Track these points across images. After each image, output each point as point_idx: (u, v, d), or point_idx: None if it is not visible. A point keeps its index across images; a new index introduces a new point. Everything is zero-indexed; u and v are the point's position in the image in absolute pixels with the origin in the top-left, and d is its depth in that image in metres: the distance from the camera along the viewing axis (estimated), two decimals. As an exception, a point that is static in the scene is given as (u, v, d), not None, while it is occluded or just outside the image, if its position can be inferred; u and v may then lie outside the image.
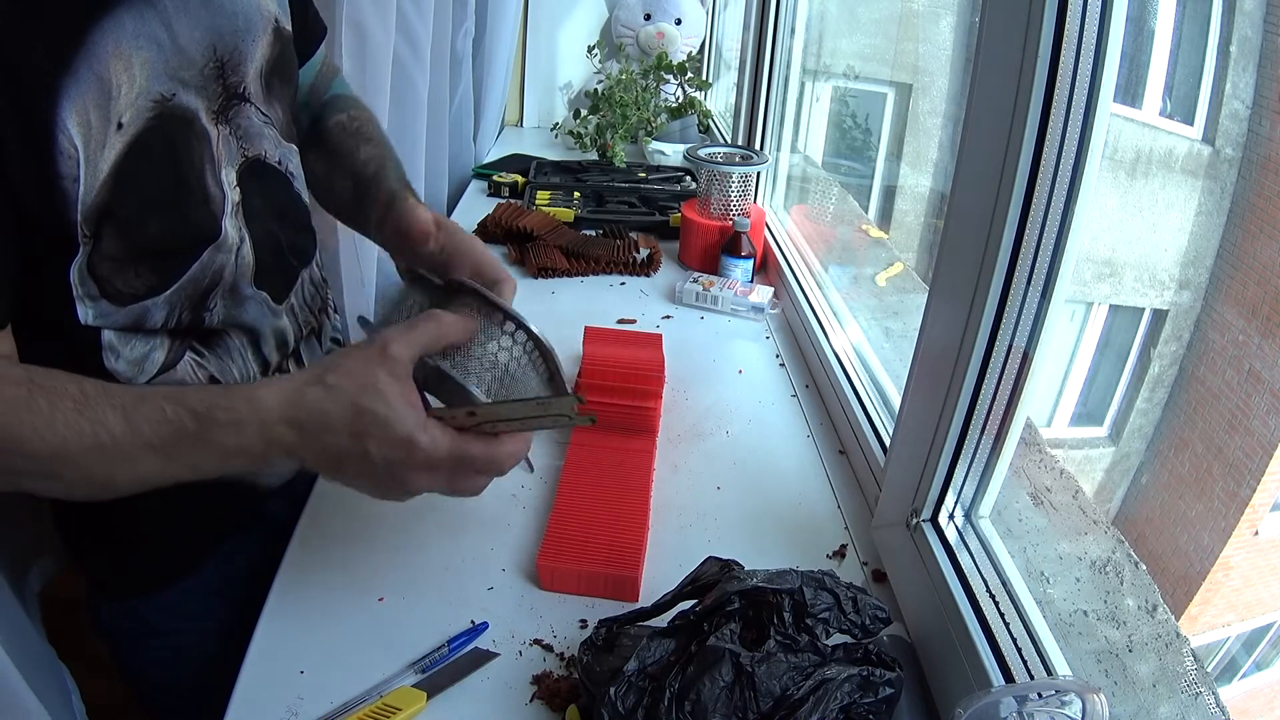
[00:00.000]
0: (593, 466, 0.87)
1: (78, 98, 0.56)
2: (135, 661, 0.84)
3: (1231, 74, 0.93)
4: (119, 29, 0.58)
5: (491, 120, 2.18)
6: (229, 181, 0.70)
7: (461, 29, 1.80)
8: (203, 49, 0.66)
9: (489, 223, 1.54)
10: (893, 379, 1.02)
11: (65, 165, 0.56)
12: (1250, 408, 0.90)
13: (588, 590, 0.74)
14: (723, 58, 2.46)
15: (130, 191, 0.60)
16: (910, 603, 0.73)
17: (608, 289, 1.40)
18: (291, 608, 0.71)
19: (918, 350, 0.75)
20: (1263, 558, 0.95)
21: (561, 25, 2.39)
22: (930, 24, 1.69)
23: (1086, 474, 1.18)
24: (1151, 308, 1.16)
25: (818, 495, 0.91)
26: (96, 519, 0.76)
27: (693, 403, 1.06)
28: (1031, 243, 0.60)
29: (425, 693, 0.63)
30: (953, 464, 0.70)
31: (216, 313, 0.71)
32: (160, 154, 0.62)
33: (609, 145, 2.01)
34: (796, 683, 0.55)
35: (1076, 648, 0.61)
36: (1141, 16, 0.89)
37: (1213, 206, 1.00)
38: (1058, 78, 0.56)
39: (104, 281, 0.62)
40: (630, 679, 0.56)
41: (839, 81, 1.83)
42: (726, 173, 1.42)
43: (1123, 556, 0.69)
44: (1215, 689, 0.56)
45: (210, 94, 0.67)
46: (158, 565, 0.79)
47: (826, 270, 1.36)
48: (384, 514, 0.83)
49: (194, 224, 0.67)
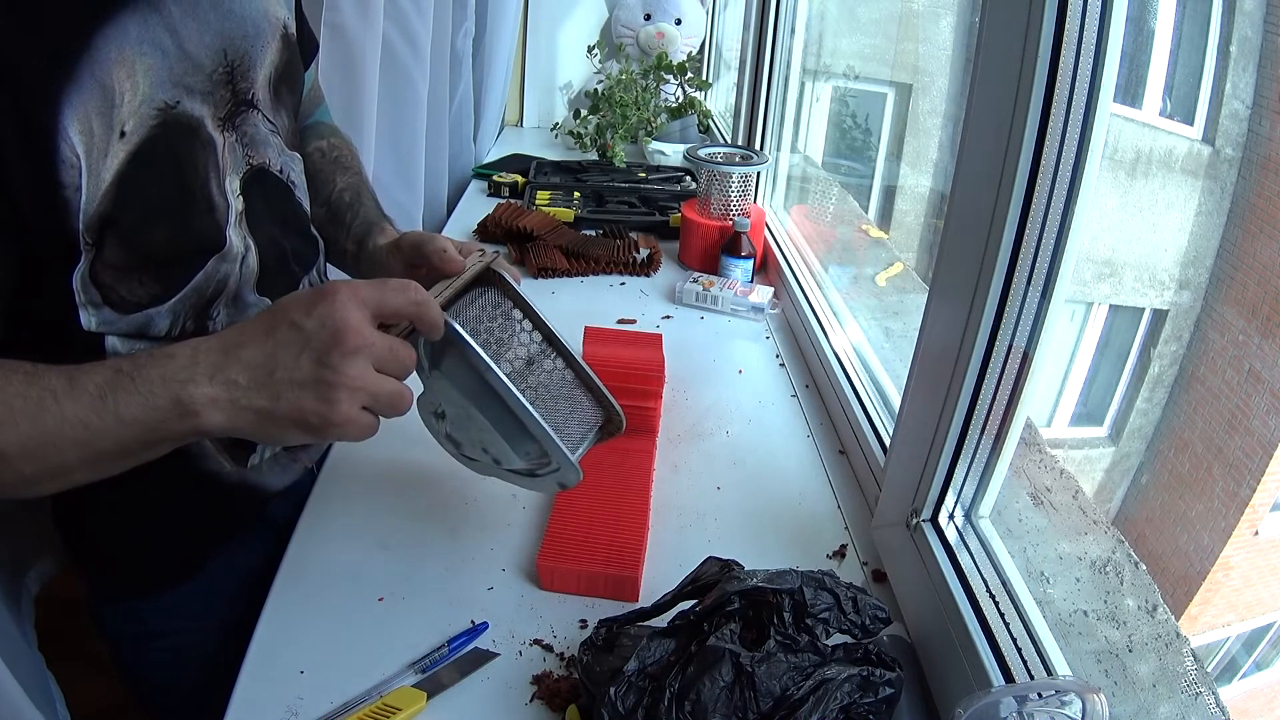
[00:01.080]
0: (593, 466, 0.87)
1: (80, 105, 0.55)
2: (136, 662, 0.84)
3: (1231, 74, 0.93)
4: (123, 35, 0.58)
5: (491, 120, 2.18)
6: (233, 190, 0.69)
7: (461, 29, 1.81)
8: (212, 54, 0.65)
9: (489, 223, 1.54)
10: (893, 379, 1.02)
11: (67, 174, 0.55)
12: (1250, 408, 0.90)
13: (588, 590, 0.74)
14: (723, 58, 2.46)
15: (133, 200, 0.60)
16: (910, 603, 0.73)
17: (608, 289, 1.40)
18: (291, 608, 0.71)
19: (918, 350, 0.75)
20: (1263, 558, 0.94)
21: (561, 25, 2.39)
22: (930, 24, 1.69)
23: (1086, 474, 1.18)
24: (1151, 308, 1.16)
25: (818, 495, 0.91)
26: (98, 520, 0.76)
27: (693, 403, 1.06)
28: (1031, 243, 0.60)
29: (425, 693, 0.63)
30: (953, 464, 0.70)
31: (220, 321, 0.71)
32: (164, 162, 0.62)
33: (609, 145, 2.01)
34: (796, 683, 0.55)
35: (1076, 648, 0.61)
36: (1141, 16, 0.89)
37: (1213, 206, 1.00)
38: (1058, 78, 0.56)
39: (107, 289, 0.62)
40: (630, 679, 0.56)
41: (839, 81, 1.83)
42: (726, 173, 1.43)
43: (1123, 556, 0.69)
44: (1215, 689, 0.56)
45: (218, 100, 0.66)
46: (159, 567, 0.79)
47: (826, 270, 1.36)
48: (384, 514, 0.83)
49: (198, 233, 0.66)
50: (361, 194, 0.89)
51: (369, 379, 0.55)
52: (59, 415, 0.51)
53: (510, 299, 0.70)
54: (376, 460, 0.89)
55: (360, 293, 0.55)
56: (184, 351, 0.54)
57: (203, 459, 0.74)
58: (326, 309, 0.54)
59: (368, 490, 0.85)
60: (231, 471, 0.77)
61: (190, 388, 0.52)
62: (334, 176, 0.89)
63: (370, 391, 0.55)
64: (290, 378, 0.53)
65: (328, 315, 0.53)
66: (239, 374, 0.53)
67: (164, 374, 0.52)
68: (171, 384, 0.52)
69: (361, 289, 0.55)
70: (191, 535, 0.79)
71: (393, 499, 0.84)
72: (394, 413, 0.57)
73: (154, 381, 0.52)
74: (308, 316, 0.54)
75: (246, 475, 0.79)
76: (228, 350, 0.54)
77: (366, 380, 0.55)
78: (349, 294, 0.54)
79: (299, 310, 0.54)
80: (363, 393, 0.55)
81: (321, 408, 0.54)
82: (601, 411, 0.73)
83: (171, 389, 0.52)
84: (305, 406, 0.54)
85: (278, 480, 0.82)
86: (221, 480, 0.76)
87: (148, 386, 0.52)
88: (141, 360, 0.53)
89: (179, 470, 0.73)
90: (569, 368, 0.71)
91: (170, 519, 0.77)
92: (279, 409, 0.54)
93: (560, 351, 0.70)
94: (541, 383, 0.69)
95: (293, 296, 0.56)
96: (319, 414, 0.54)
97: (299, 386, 0.53)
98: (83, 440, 0.52)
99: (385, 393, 0.56)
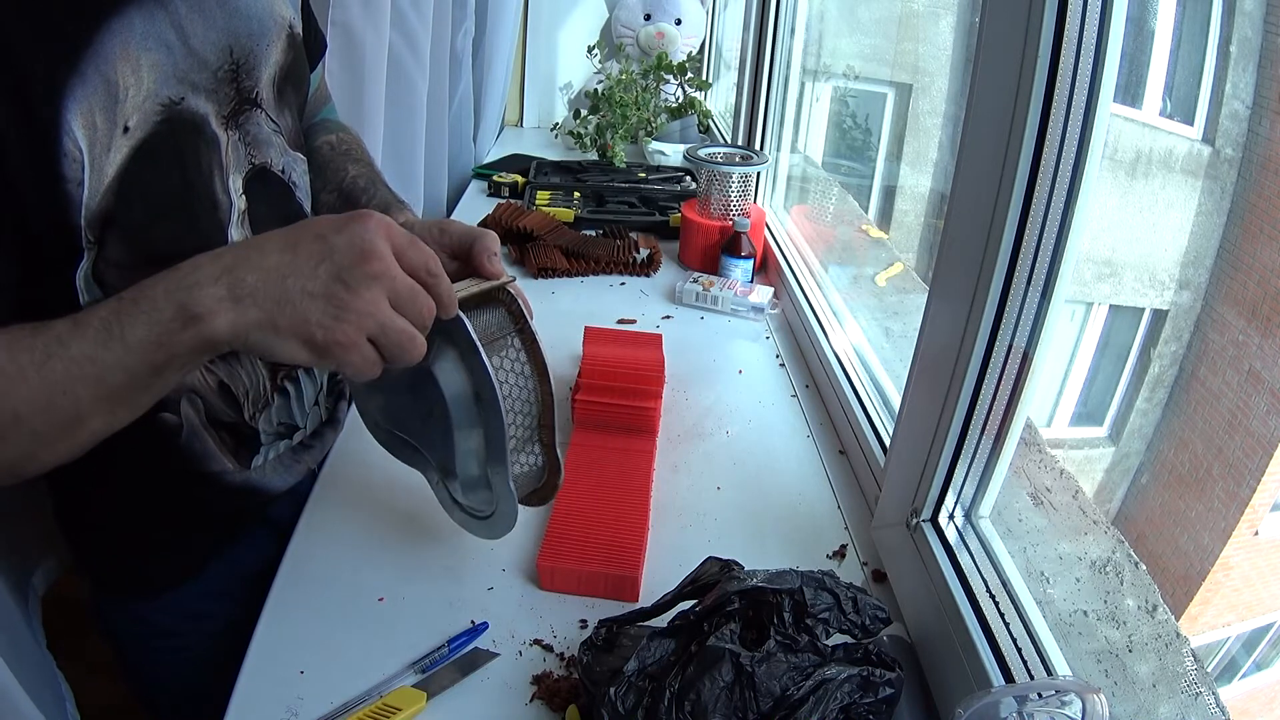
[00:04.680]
0: (593, 466, 0.87)
1: (84, 100, 0.55)
2: (138, 662, 0.84)
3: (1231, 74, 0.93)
4: (128, 30, 0.58)
5: (491, 120, 2.18)
6: (235, 189, 0.69)
7: (461, 29, 1.81)
8: (218, 51, 0.65)
9: (489, 223, 1.54)
10: (893, 379, 1.02)
11: (69, 168, 0.55)
12: (1250, 408, 0.90)
13: (588, 590, 0.74)
14: (723, 58, 2.46)
15: (136, 196, 0.59)
16: (910, 603, 0.73)
17: (608, 289, 1.40)
18: (291, 608, 0.71)
19: (918, 350, 0.75)
20: (1263, 558, 0.95)
21: (561, 25, 2.39)
22: (930, 24, 1.69)
23: (1086, 474, 1.18)
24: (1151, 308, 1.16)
25: (818, 495, 0.91)
26: (100, 521, 0.76)
27: (693, 403, 1.06)
28: (1031, 243, 0.60)
29: (425, 693, 0.63)
30: (953, 464, 0.70)
31: None
32: (167, 159, 0.62)
33: (609, 145, 2.01)
34: (796, 683, 0.55)
35: (1076, 648, 0.61)
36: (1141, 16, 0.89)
37: (1213, 206, 1.00)
38: (1058, 78, 0.56)
39: (111, 289, 0.62)
40: (630, 679, 0.56)
41: (839, 81, 1.83)
42: (726, 173, 1.43)
43: (1123, 556, 0.69)
44: (1215, 689, 0.56)
45: (222, 98, 0.66)
46: (162, 567, 0.79)
47: (826, 270, 1.36)
48: (384, 514, 0.83)
49: (201, 231, 0.66)
50: (376, 181, 0.88)
51: (382, 308, 0.52)
52: (65, 357, 0.49)
53: (517, 328, 0.68)
54: (377, 461, 0.89)
55: (394, 229, 0.53)
56: (189, 263, 0.51)
57: (206, 460, 0.74)
58: (359, 229, 0.52)
59: (368, 490, 0.85)
60: (234, 473, 0.77)
61: (195, 291, 0.50)
62: (346, 166, 0.89)
63: (380, 321, 0.52)
64: (303, 286, 0.51)
65: (358, 235, 0.52)
66: (248, 274, 0.51)
67: (168, 286, 0.50)
68: (176, 293, 0.50)
69: (395, 227, 0.54)
70: (193, 536, 0.79)
71: (393, 499, 0.84)
72: (400, 356, 0.54)
73: (158, 296, 0.50)
74: (337, 233, 0.52)
75: (249, 476, 0.79)
76: (241, 255, 0.52)
77: (379, 309, 0.52)
78: (383, 223, 0.53)
79: (329, 225, 0.52)
80: (372, 320, 0.52)
81: (327, 321, 0.51)
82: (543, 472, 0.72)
83: (176, 297, 0.50)
84: (311, 318, 0.51)
85: (280, 481, 0.82)
86: (224, 481, 0.76)
87: (151, 303, 0.50)
88: (146, 282, 0.51)
89: (182, 471, 0.73)
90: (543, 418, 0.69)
91: (172, 520, 0.77)
92: (284, 315, 0.51)
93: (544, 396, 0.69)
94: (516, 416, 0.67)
95: (324, 216, 0.54)
96: (324, 328, 0.51)
97: (310, 296, 0.51)
98: (92, 377, 0.50)
99: (395, 328, 0.53)
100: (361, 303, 0.51)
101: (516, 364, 0.68)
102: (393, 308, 0.53)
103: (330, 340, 0.52)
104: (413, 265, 0.54)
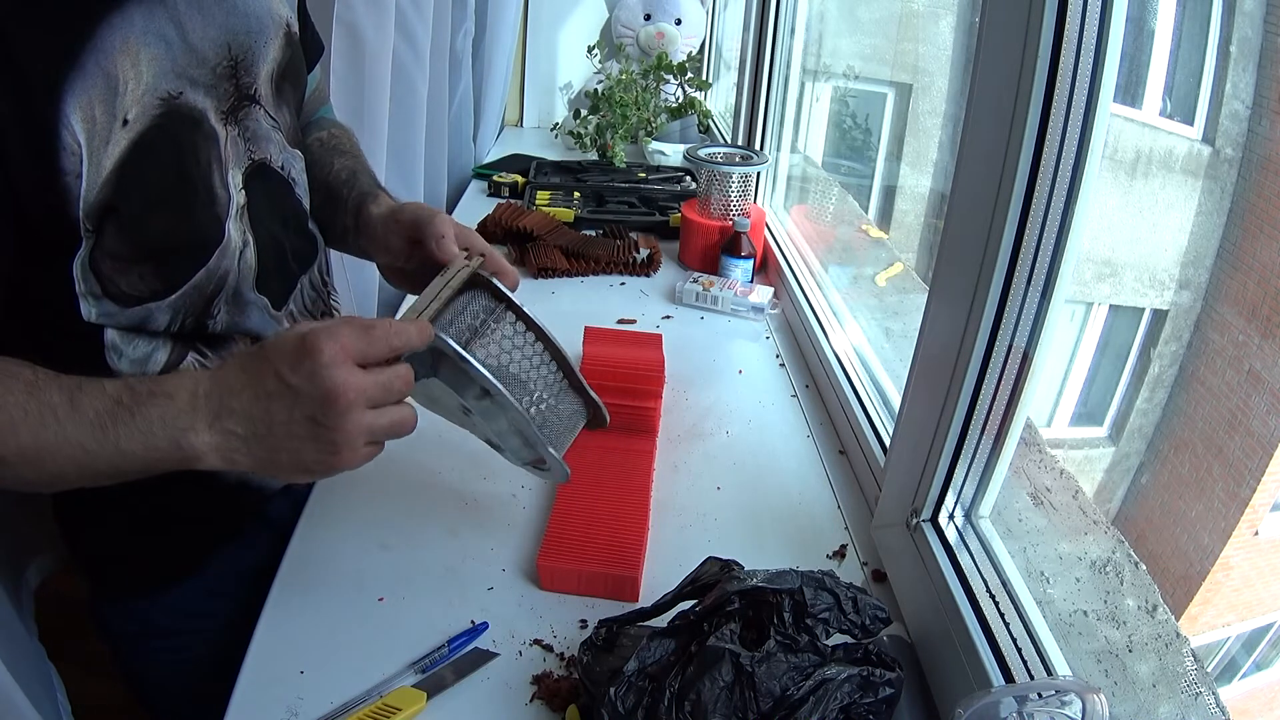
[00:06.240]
0: (593, 466, 0.87)
1: (83, 93, 0.55)
2: (136, 662, 0.84)
3: (1231, 74, 0.93)
4: (128, 25, 0.58)
5: (491, 120, 2.18)
6: (234, 184, 0.69)
7: (461, 29, 1.81)
8: (217, 47, 0.66)
9: (489, 223, 1.54)
10: (893, 379, 1.02)
11: (68, 160, 0.56)
12: (1250, 408, 0.90)
13: (588, 590, 0.74)
14: (723, 58, 2.46)
15: (134, 189, 0.60)
16: (910, 603, 0.73)
17: (608, 289, 1.40)
18: (291, 608, 0.71)
19: (918, 350, 0.75)
20: (1263, 558, 0.94)
21: (561, 25, 2.39)
22: (930, 24, 1.69)
23: (1086, 474, 1.18)
24: (1151, 308, 1.16)
25: (818, 495, 0.91)
26: (99, 520, 0.76)
27: (693, 403, 1.06)
28: (1031, 243, 0.60)
29: (425, 693, 0.63)
30: (953, 464, 0.70)
31: (220, 319, 0.71)
32: (165, 152, 0.62)
33: (609, 145, 2.01)
34: (796, 683, 0.55)
35: (1076, 648, 0.61)
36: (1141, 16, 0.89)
37: (1213, 206, 1.00)
38: (1058, 78, 0.56)
39: (107, 280, 0.62)
40: (630, 679, 0.56)
41: (839, 81, 1.83)
42: (726, 173, 1.42)
43: (1123, 556, 0.69)
44: (1215, 689, 0.56)
45: (221, 94, 0.67)
46: (160, 566, 0.79)
47: (826, 270, 1.36)
48: (384, 514, 0.83)
49: (198, 225, 0.67)
50: (357, 172, 0.89)
51: (365, 423, 0.56)
52: (59, 433, 0.52)
53: (503, 305, 0.70)
54: (377, 461, 0.89)
55: (345, 345, 0.55)
56: (183, 394, 0.55)
57: None
58: (313, 367, 0.54)
59: (368, 490, 0.85)
60: (231, 471, 0.77)
61: (190, 435, 0.54)
62: (331, 160, 0.89)
63: (367, 429, 0.56)
64: (289, 431, 0.55)
65: (315, 375, 0.54)
66: (236, 425, 0.55)
67: (164, 415, 0.54)
68: (171, 428, 0.54)
69: (345, 340, 0.55)
70: (192, 535, 0.79)
71: (393, 499, 0.84)
72: (397, 435, 0.59)
73: (154, 422, 0.53)
74: (294, 373, 0.54)
75: (247, 475, 0.79)
76: (223, 397, 0.55)
77: (362, 424, 0.56)
78: (333, 351, 0.54)
79: (284, 363, 0.54)
80: (360, 435, 0.56)
81: (324, 457, 0.56)
82: (587, 410, 0.76)
83: (171, 434, 0.54)
84: (307, 457, 0.56)
85: (276, 479, 0.82)
86: (222, 480, 0.76)
87: (147, 425, 0.53)
88: (140, 393, 0.54)
89: (179, 470, 0.73)
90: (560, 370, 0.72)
91: (171, 518, 0.77)
92: (280, 459, 0.56)
93: (553, 354, 0.71)
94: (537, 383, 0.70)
95: (276, 344, 0.56)
96: (320, 462, 0.56)
97: (299, 439, 0.55)
98: (80, 460, 0.53)
99: (385, 425, 0.58)
100: (344, 433, 0.55)
101: (516, 337, 0.69)
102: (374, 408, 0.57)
103: (329, 468, 0.57)
104: (377, 356, 0.57)
